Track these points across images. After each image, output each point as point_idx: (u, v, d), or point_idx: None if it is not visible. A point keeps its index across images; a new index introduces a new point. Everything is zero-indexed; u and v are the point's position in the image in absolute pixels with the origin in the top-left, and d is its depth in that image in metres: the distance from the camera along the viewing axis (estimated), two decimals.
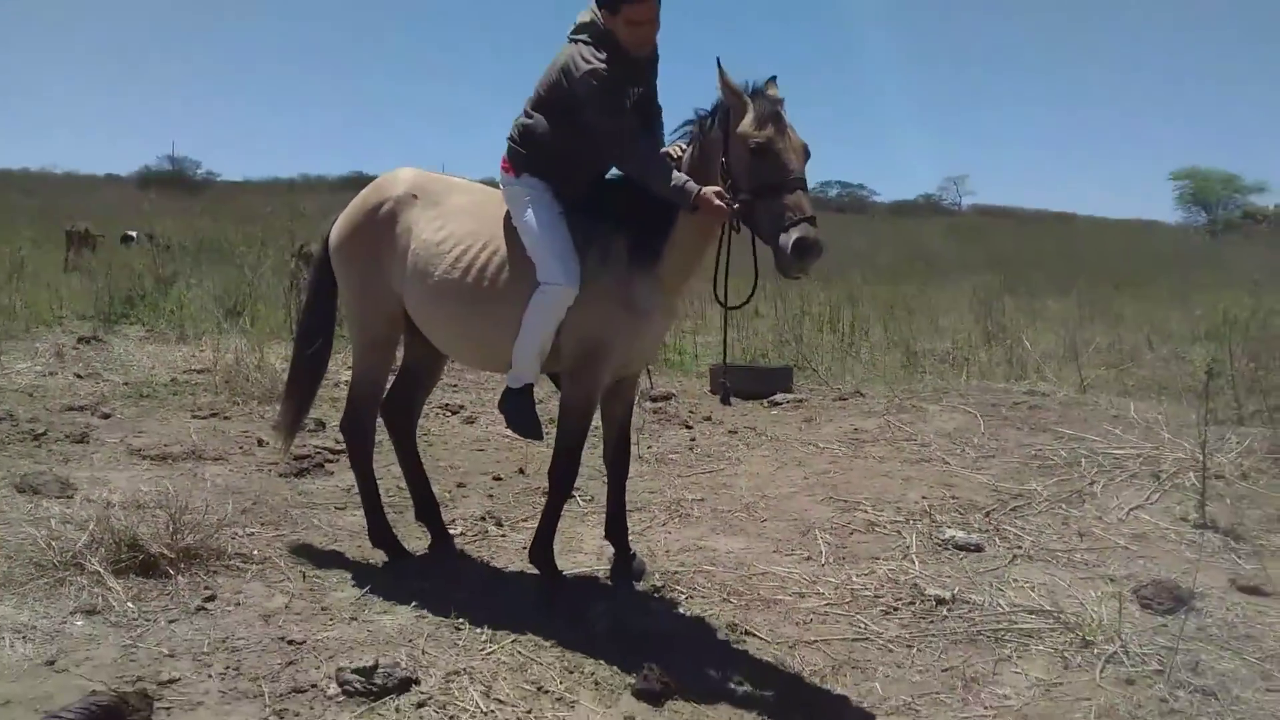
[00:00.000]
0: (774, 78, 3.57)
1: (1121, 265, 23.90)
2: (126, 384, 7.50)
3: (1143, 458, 5.99)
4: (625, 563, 4.21)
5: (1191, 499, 5.15)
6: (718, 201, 3.46)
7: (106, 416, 6.45)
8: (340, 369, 8.79)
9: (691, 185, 3.51)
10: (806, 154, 3.46)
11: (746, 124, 3.41)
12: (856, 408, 7.76)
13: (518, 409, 3.96)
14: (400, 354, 4.53)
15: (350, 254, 4.24)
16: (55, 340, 8.97)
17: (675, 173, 3.57)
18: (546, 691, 3.17)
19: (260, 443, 6.07)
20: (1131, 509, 5.17)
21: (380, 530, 4.40)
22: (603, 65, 3.67)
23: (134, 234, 17.62)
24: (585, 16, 3.82)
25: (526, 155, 3.86)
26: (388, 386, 4.54)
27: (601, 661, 3.38)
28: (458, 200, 4.11)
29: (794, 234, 3.22)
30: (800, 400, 8.09)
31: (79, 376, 7.65)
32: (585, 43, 3.74)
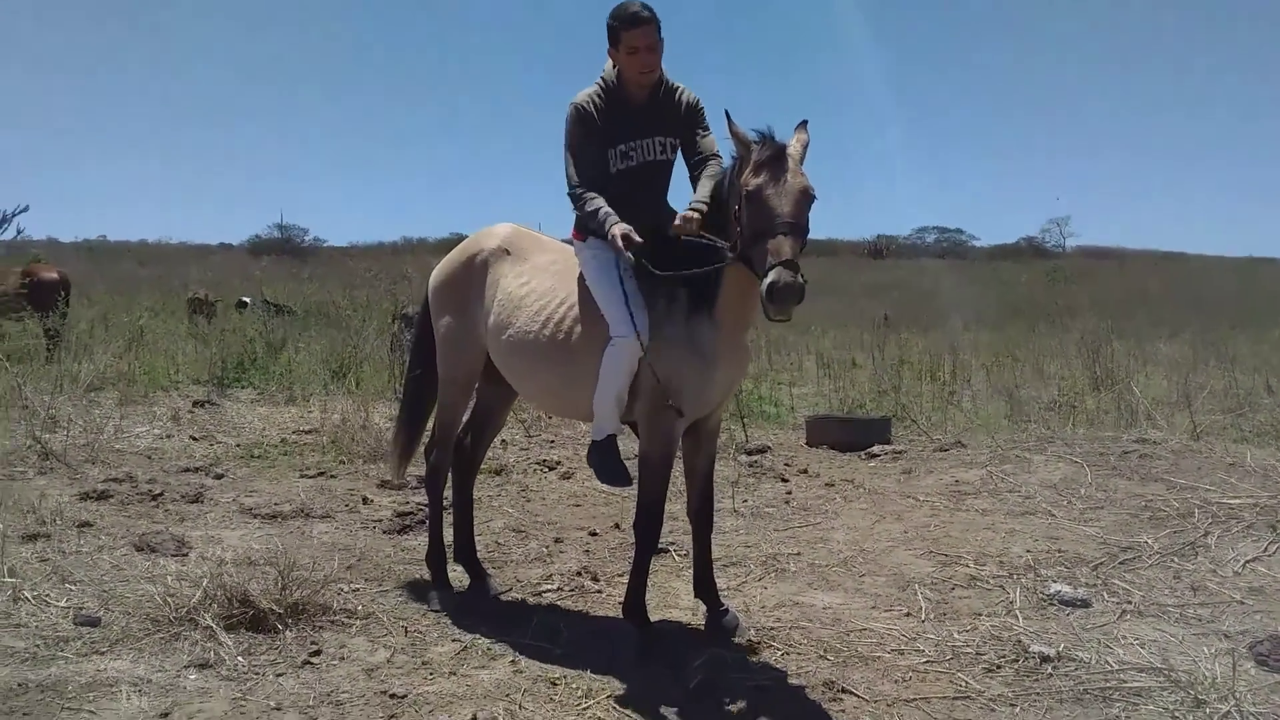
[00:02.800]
0: (804, 122, 3.69)
1: (1236, 305, 23.08)
2: (239, 445, 7.79)
3: (1259, 507, 5.75)
4: (717, 618, 4.20)
5: None
6: (620, 242, 3.74)
7: (220, 477, 6.71)
8: None
9: (609, 224, 3.80)
10: (808, 197, 3.47)
11: (745, 171, 3.54)
12: (957, 459, 7.62)
13: (603, 459, 4.06)
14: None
15: (444, 298, 4.59)
16: (172, 404, 9.36)
17: (602, 212, 3.85)
18: None
19: (365, 500, 6.24)
20: (1248, 561, 4.95)
21: (436, 553, 4.71)
22: (585, 100, 3.99)
23: (248, 300, 18.36)
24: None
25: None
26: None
27: (698, 716, 3.37)
28: (543, 258, 4.36)
29: (769, 278, 3.28)
30: (899, 451, 7.98)
31: (194, 439, 7.97)
32: (592, 90, 4.07)
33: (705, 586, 4.27)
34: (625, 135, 4.06)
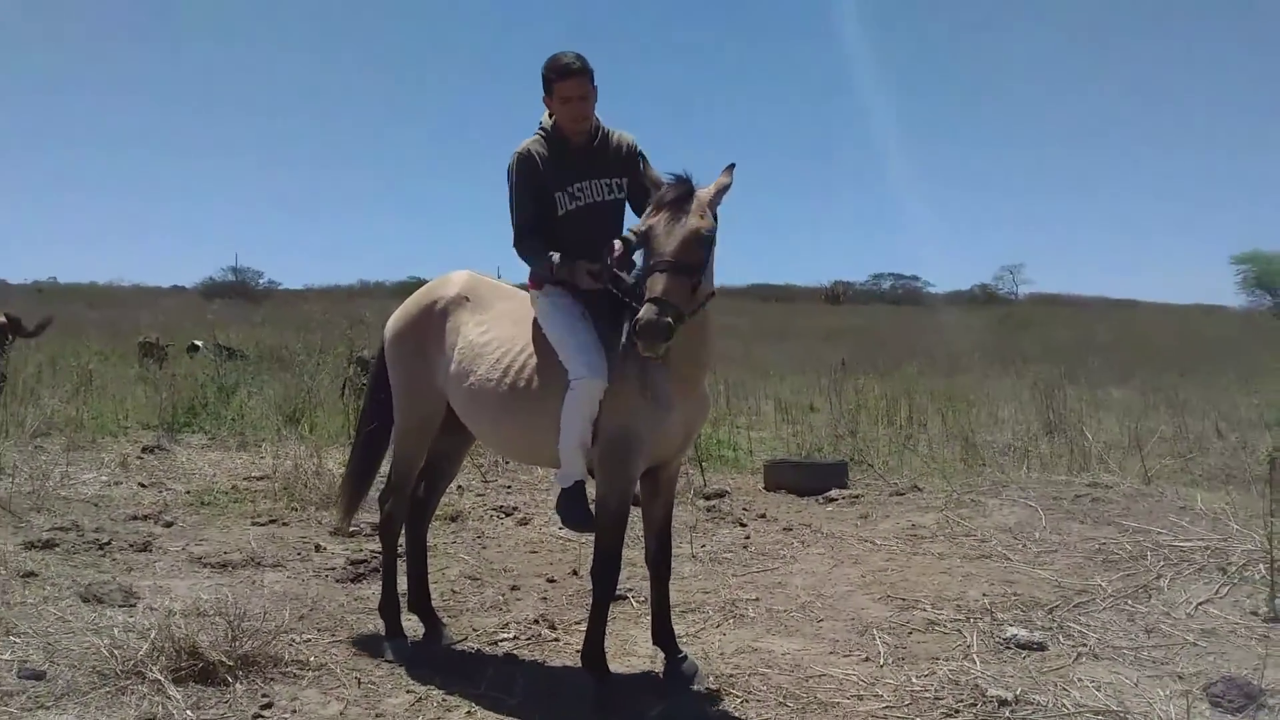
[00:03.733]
0: (730, 166, 3.78)
1: (1185, 351, 23.50)
2: (189, 492, 7.64)
3: (1210, 550, 5.84)
4: (676, 665, 4.16)
5: (1262, 592, 4.99)
6: (587, 280, 3.87)
7: (169, 525, 6.57)
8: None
9: (563, 266, 3.94)
10: (698, 238, 3.50)
11: (647, 212, 3.66)
12: (914, 503, 7.66)
13: (569, 505, 4.05)
14: None
15: (401, 348, 4.55)
16: (120, 450, 9.18)
17: (553, 258, 3.97)
18: None
19: (318, 548, 6.14)
20: (1200, 603, 5.02)
21: (390, 603, 4.64)
22: (525, 148, 4.13)
23: (200, 344, 18.12)
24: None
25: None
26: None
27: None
28: (503, 305, 4.37)
29: (638, 314, 3.38)
30: (856, 496, 8.01)
31: (143, 485, 7.81)
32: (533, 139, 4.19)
33: (663, 634, 4.25)
34: (570, 178, 4.15)
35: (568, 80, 4.04)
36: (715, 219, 3.63)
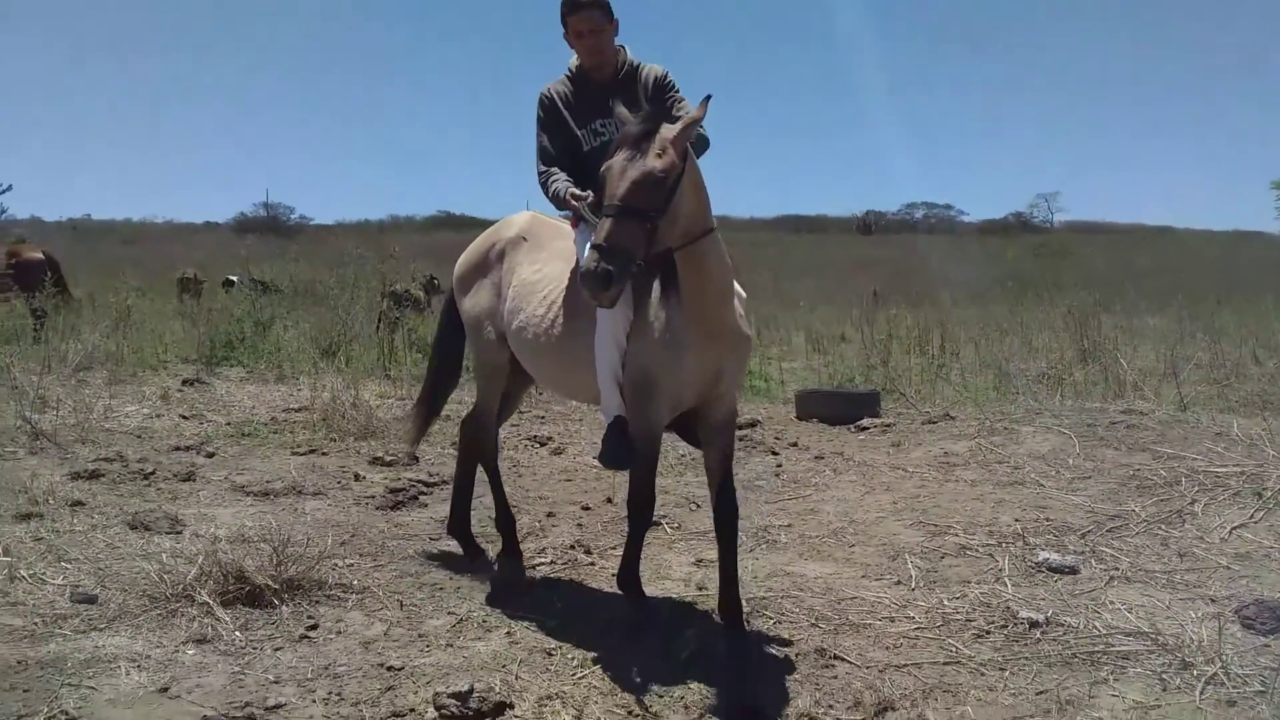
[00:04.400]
0: (707, 98, 3.49)
1: (1223, 278, 23.19)
2: (229, 424, 7.79)
3: (1246, 475, 5.81)
4: (732, 642, 3.83)
5: None
6: (570, 201, 3.97)
7: (211, 455, 6.71)
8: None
9: (558, 189, 4.04)
10: (649, 179, 3.24)
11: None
12: (946, 431, 7.67)
13: (607, 441, 4.02)
14: None
15: (464, 289, 4.63)
16: (161, 384, 9.35)
17: (555, 186, 4.07)
18: (635, 715, 3.21)
19: (357, 477, 6.25)
20: (1234, 528, 5.02)
21: (461, 524, 4.85)
22: (549, 88, 4.21)
23: (235, 278, 18.29)
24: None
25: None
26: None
27: (690, 685, 3.41)
28: (558, 244, 4.33)
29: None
30: (888, 425, 8.03)
31: (184, 418, 7.96)
32: (558, 79, 4.27)
33: (726, 603, 3.91)
34: (593, 115, 4.17)
35: (577, 14, 4.05)
36: (682, 156, 3.34)
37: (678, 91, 4.23)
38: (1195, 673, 3.43)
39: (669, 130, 3.36)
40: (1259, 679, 3.37)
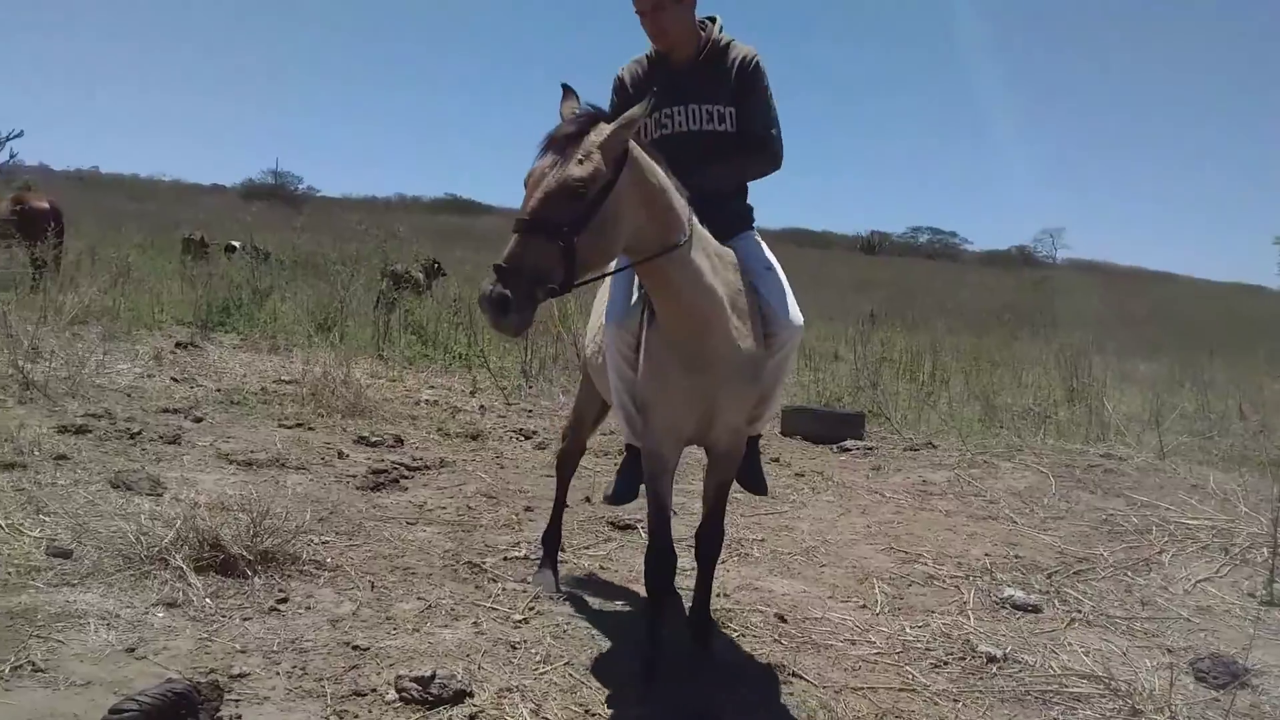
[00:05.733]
0: (651, 94, 3.08)
1: (1220, 330, 23.31)
2: (219, 390, 7.83)
3: (1216, 529, 5.89)
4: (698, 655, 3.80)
5: (1262, 574, 5.05)
6: None
7: (198, 420, 6.75)
8: (422, 388, 9.07)
9: None
10: (564, 189, 2.79)
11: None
12: (927, 459, 7.74)
13: (619, 472, 3.99)
14: None
15: None
16: (155, 344, 9.39)
17: None
18: (594, 714, 3.27)
19: (341, 455, 6.30)
20: (1199, 581, 5.09)
21: (552, 534, 4.67)
22: (623, 69, 3.81)
23: (237, 244, 18.33)
24: None
25: None
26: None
27: (649, 691, 3.46)
28: None
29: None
30: (870, 448, 8.10)
31: (175, 380, 8.00)
32: (638, 57, 3.86)
33: (696, 621, 3.87)
34: (664, 102, 3.65)
35: None
36: (615, 163, 2.89)
37: (764, 79, 3.69)
38: None
39: (599, 133, 2.89)
40: None
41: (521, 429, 7.77)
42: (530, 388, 9.61)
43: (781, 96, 3.77)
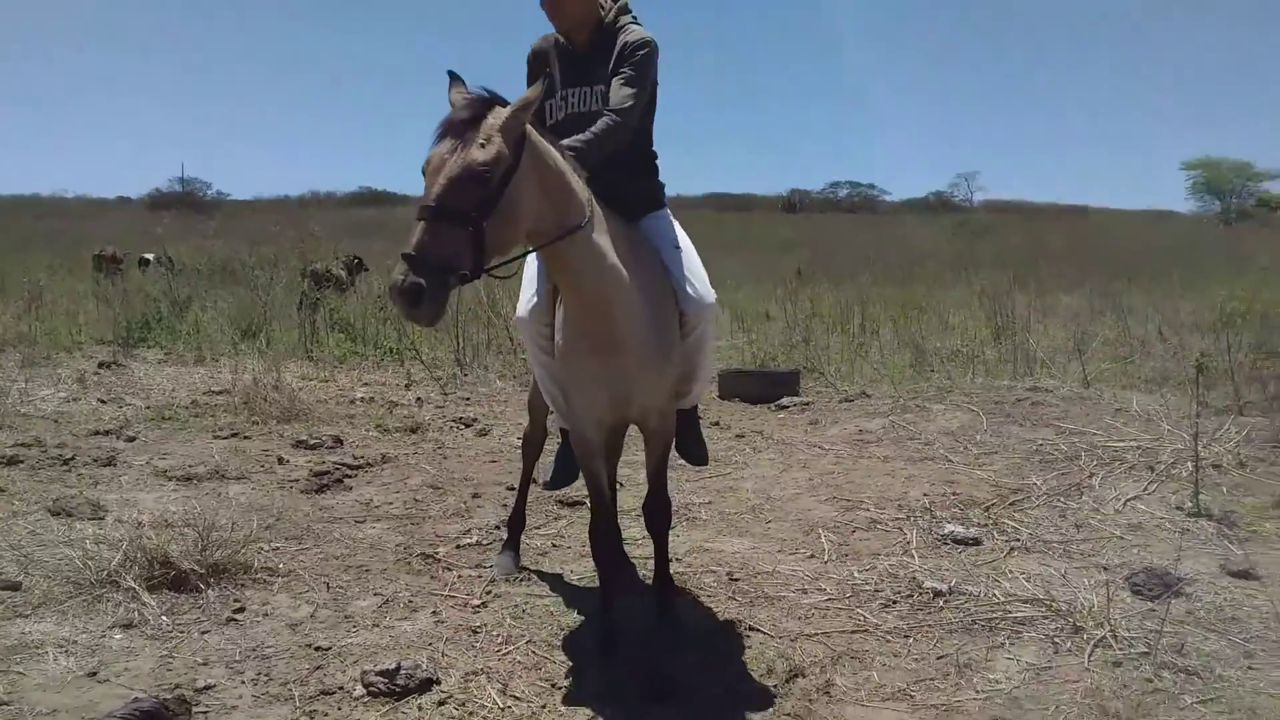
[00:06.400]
0: (546, 75, 3.12)
1: (1135, 257, 23.94)
2: (149, 407, 7.70)
3: (1141, 449, 6.13)
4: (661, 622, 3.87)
5: (1187, 488, 5.27)
6: None
7: (131, 439, 6.65)
8: (355, 386, 9.01)
9: None
10: (469, 173, 2.77)
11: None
12: (862, 409, 7.91)
13: (556, 455, 4.04)
14: None
15: None
16: (76, 366, 9.19)
17: None
18: (559, 688, 3.34)
19: (281, 460, 6.25)
20: (1128, 500, 5.30)
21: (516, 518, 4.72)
22: (533, 46, 3.77)
23: (149, 257, 17.93)
24: None
25: None
26: None
27: (612, 660, 3.54)
28: None
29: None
30: (807, 403, 8.25)
31: (102, 401, 7.85)
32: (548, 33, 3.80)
33: (658, 589, 3.94)
34: (567, 82, 3.66)
35: None
36: (514, 146, 2.87)
37: (645, 62, 3.55)
38: (1085, 636, 3.66)
39: (497, 116, 2.88)
40: (1144, 641, 3.60)
41: (461, 417, 7.77)
42: (466, 375, 9.59)
43: (693, 61, 3.75)
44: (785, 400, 8.29)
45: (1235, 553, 4.54)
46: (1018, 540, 4.78)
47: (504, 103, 2.94)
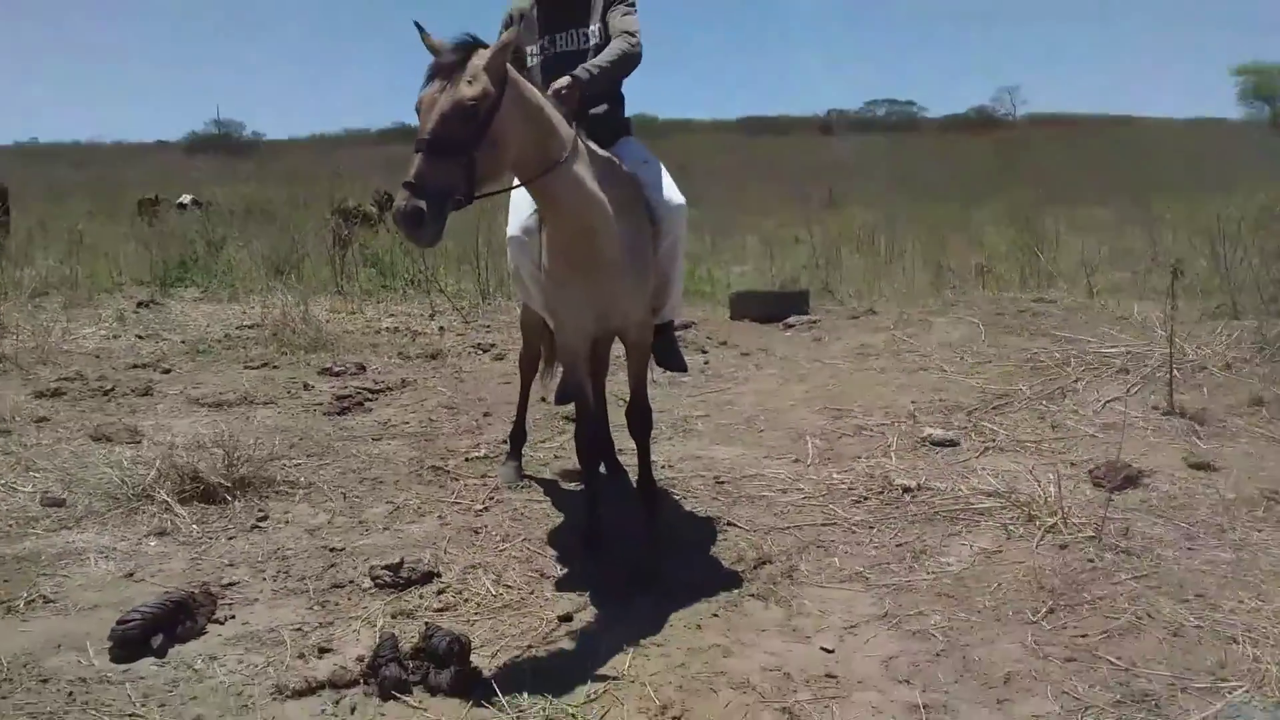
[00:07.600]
0: (519, 20, 3.50)
1: (1178, 167, 23.47)
2: (184, 342, 8.10)
3: (1131, 355, 6.30)
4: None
5: (1165, 389, 5.45)
6: None
7: (167, 372, 7.05)
8: (382, 317, 9.35)
9: None
10: (458, 110, 3.02)
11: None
12: (867, 325, 8.13)
13: (563, 373, 4.35)
14: None
15: None
16: (116, 306, 9.61)
17: None
18: (548, 577, 3.67)
19: (306, 386, 6.62)
20: (1108, 401, 5.52)
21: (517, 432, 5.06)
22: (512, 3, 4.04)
23: (186, 201, 18.38)
24: None
25: None
26: None
27: (599, 554, 3.86)
28: None
29: None
30: (814, 321, 8.47)
31: (140, 338, 8.26)
32: None
33: (642, 492, 4.15)
34: (548, 27, 3.98)
35: None
36: (499, 83, 3.13)
37: (626, 3, 3.93)
38: (1038, 524, 3.93)
39: (480, 57, 3.15)
40: (1093, 527, 3.86)
41: (479, 343, 8.08)
42: (488, 305, 9.90)
43: None
44: (793, 319, 8.51)
45: (1201, 447, 4.76)
46: (993, 441, 5.03)
47: (485, 46, 3.21)
